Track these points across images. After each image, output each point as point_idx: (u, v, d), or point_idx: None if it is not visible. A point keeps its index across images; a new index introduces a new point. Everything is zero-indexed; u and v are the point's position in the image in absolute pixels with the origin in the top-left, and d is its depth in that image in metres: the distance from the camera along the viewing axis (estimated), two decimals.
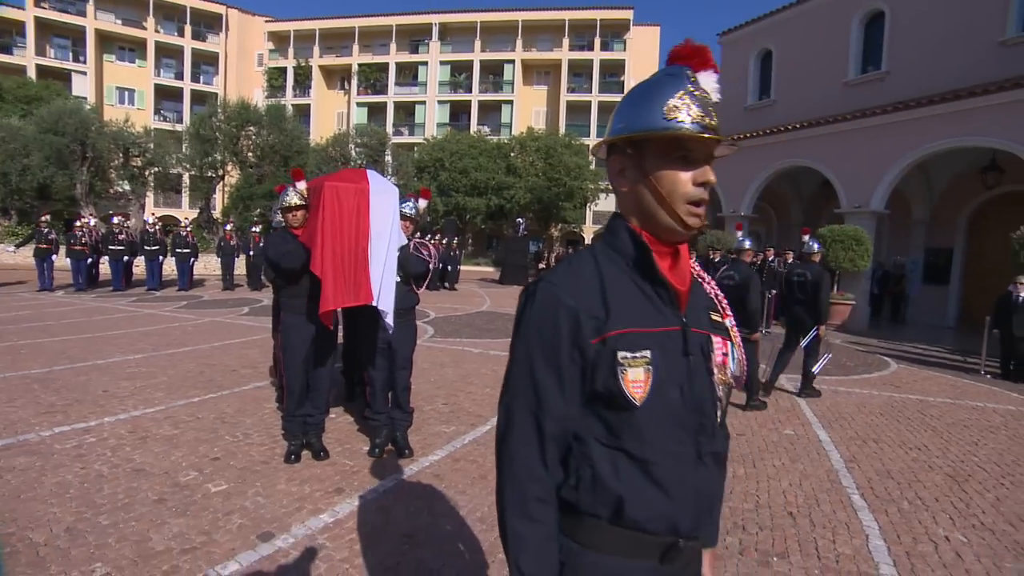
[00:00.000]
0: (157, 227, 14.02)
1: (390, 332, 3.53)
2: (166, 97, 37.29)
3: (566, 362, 0.88)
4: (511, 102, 36.63)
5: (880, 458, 4.15)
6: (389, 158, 27.97)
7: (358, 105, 38.53)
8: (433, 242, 7.78)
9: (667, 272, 0.92)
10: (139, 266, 14.35)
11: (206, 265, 18.30)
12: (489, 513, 2.99)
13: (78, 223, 13.44)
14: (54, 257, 12.89)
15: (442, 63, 37.52)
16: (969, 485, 3.71)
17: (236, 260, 15.07)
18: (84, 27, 34.60)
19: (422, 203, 3.96)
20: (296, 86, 38.95)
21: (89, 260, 13.13)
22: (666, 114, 0.88)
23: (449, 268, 17.02)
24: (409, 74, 38.43)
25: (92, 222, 13.82)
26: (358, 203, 3.38)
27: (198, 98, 36.81)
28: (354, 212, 3.37)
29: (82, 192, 19.50)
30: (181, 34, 37.31)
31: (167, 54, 37.36)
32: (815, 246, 6.05)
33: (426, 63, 37.61)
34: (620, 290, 0.91)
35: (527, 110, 36.69)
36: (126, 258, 13.44)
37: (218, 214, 26.39)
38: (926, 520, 3.16)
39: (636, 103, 0.93)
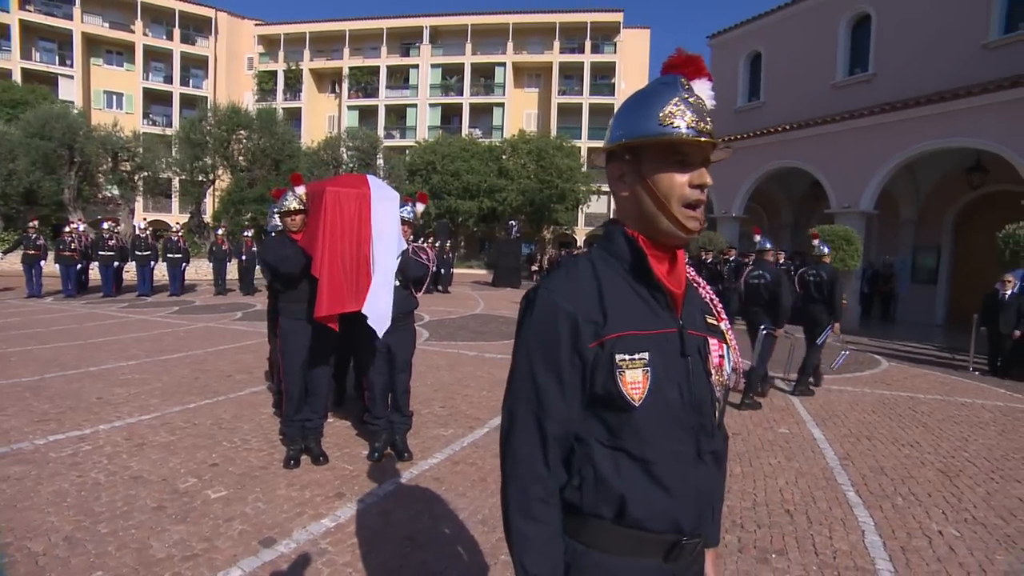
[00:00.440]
0: (148, 232, 13.92)
1: (380, 336, 3.49)
2: (155, 101, 36.94)
3: (566, 366, 0.90)
4: (502, 105, 36.67)
5: (873, 455, 4.21)
6: (381, 161, 27.88)
7: (349, 108, 38.43)
8: (427, 245, 7.79)
9: (663, 276, 0.94)
10: (129, 271, 14.23)
11: (197, 270, 18.17)
12: (490, 515, 3.01)
13: (67, 228, 13.30)
14: (42, 263, 12.75)
15: (433, 66, 37.52)
16: (960, 480, 3.77)
17: (228, 264, 14.99)
18: (71, 30, 34.22)
19: (419, 207, 3.97)
20: (287, 89, 38.80)
21: (79, 266, 13.01)
22: (662, 120, 0.91)
23: (442, 271, 17.01)
24: (400, 77, 38.37)
25: (81, 228, 13.67)
26: (359, 208, 3.38)
27: (188, 102, 36.49)
28: (355, 217, 3.37)
29: (70, 197, 19.30)
30: (170, 37, 37.00)
31: (156, 58, 37.03)
32: (825, 249, 6.38)
33: (417, 66, 37.58)
34: (617, 294, 0.93)
35: (518, 113, 36.74)
36: (116, 263, 13.32)
37: (208, 219, 26.19)
38: (920, 515, 3.22)
39: (633, 111, 0.96)
